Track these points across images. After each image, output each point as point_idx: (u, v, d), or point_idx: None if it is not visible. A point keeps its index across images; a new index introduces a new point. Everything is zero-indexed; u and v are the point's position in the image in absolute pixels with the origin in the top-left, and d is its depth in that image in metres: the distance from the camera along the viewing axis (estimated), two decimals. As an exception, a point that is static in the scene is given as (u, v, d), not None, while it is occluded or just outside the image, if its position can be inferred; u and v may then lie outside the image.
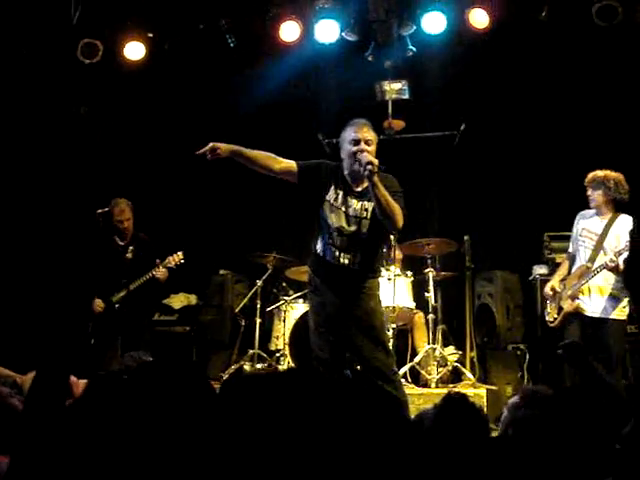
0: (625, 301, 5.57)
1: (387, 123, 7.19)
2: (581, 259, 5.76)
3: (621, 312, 5.57)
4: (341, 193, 4.66)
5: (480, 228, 7.62)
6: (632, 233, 5.45)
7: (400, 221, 4.50)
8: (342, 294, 4.65)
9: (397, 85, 7.31)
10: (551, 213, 6.63)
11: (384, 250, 6.01)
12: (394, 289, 6.57)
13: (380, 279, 5.09)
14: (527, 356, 7.01)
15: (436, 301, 6.93)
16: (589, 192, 5.71)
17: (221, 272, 8.12)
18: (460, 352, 6.94)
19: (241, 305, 7.55)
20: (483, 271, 7.47)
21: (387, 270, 6.62)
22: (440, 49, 7.27)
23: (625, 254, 5.38)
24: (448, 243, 6.98)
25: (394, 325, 6.60)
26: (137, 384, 1.92)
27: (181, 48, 7.45)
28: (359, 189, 4.65)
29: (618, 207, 5.66)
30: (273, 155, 4.69)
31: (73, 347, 6.24)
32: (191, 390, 1.94)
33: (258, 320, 7.25)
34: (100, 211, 6.42)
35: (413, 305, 6.86)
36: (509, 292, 7.34)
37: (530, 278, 7.18)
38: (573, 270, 5.82)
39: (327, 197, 4.66)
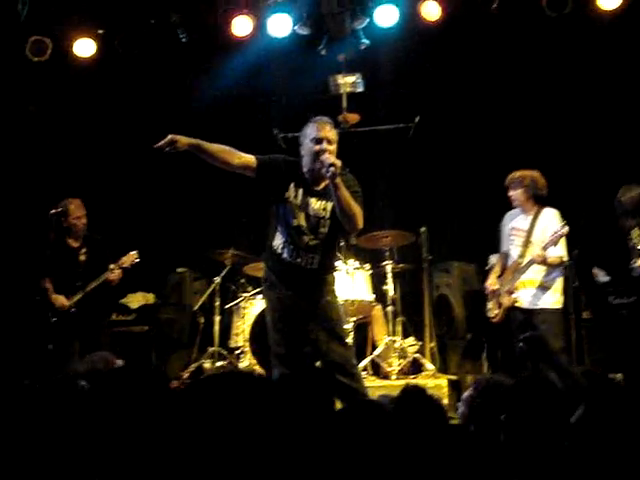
0: (557, 290, 5.85)
1: (342, 116, 7.19)
2: (513, 256, 6.04)
3: (553, 301, 5.84)
4: (300, 191, 4.60)
5: (436, 220, 7.67)
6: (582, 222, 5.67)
7: (360, 222, 4.50)
8: (299, 290, 4.64)
9: (351, 78, 7.32)
10: (506, 203, 6.67)
11: (343, 245, 6.04)
12: (353, 282, 6.58)
13: (337, 273, 5.09)
14: (486, 345, 7.07)
15: (395, 293, 6.95)
16: (510, 192, 6.03)
17: (179, 270, 8.04)
18: (420, 343, 6.98)
19: (200, 303, 7.50)
20: (440, 262, 7.51)
21: (345, 264, 6.63)
22: (393, 42, 7.30)
23: (551, 247, 5.67)
24: (405, 235, 7.01)
25: (354, 318, 6.61)
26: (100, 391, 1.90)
27: (132, 44, 7.35)
28: (319, 188, 4.60)
29: (540, 202, 5.95)
30: (233, 149, 4.59)
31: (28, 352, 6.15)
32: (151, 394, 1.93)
33: (217, 317, 7.21)
34: (54, 211, 6.30)
35: (372, 298, 6.87)
36: (466, 282, 7.39)
37: (487, 267, 7.23)
38: (508, 267, 6.08)
39: (286, 195, 4.60)
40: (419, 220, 7.19)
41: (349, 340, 5.56)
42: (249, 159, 4.58)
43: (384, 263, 6.94)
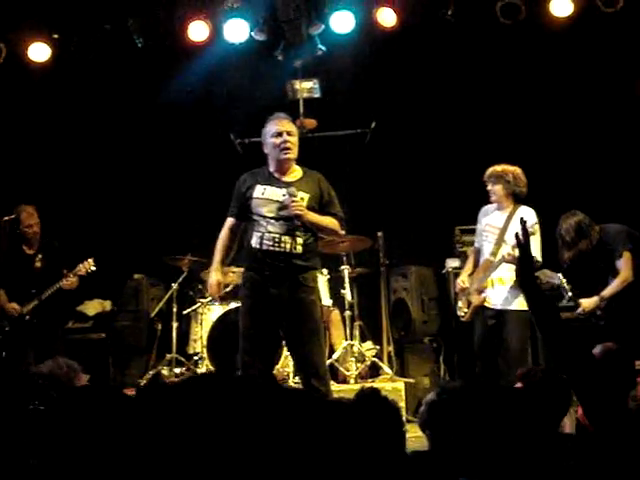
0: None
1: (299, 122, 7.19)
2: (485, 253, 5.87)
3: (522, 302, 5.52)
4: (267, 187, 4.76)
5: (393, 224, 7.72)
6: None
7: (339, 232, 4.87)
8: (281, 287, 4.65)
9: (308, 84, 7.36)
10: (461, 207, 6.76)
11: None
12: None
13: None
14: (443, 348, 7.15)
15: (352, 298, 6.98)
16: (489, 187, 5.81)
17: (135, 276, 7.96)
18: (377, 347, 7.03)
19: (157, 309, 7.46)
20: (397, 266, 7.56)
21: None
22: (349, 48, 7.34)
23: (534, 244, 5.37)
24: (362, 240, 7.04)
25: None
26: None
27: (88, 49, 7.29)
28: (288, 179, 4.77)
29: (518, 200, 5.79)
30: (223, 237, 4.94)
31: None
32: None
33: (175, 324, 7.18)
34: (7, 218, 6.22)
35: (330, 303, 6.89)
36: (423, 286, 7.45)
37: (443, 271, 7.32)
38: (479, 264, 5.94)
39: (255, 195, 4.75)
40: (376, 225, 7.25)
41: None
42: (230, 223, 4.94)
43: (342, 268, 6.97)
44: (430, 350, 7.23)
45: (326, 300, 6.84)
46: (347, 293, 6.89)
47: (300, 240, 4.69)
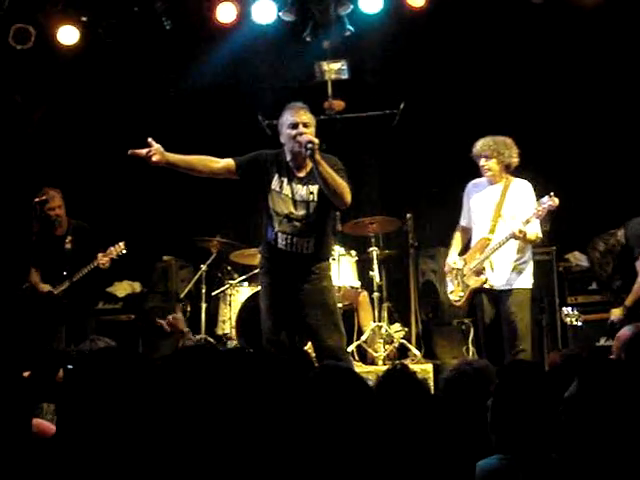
0: (529, 272, 5.45)
1: (327, 103, 7.20)
2: (480, 231, 5.57)
3: (526, 281, 5.43)
4: (285, 180, 4.70)
5: (422, 206, 7.69)
6: None
7: (347, 196, 4.58)
8: (294, 276, 4.68)
9: (336, 65, 7.32)
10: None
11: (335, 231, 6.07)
12: (339, 269, 6.60)
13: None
14: (471, 330, 7.11)
15: (381, 279, 6.97)
16: (482, 162, 5.48)
17: (165, 258, 8.03)
18: (406, 329, 7.01)
19: (186, 290, 7.50)
20: (426, 248, 7.53)
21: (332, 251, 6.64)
22: (378, 28, 7.27)
23: (534, 221, 5.25)
24: (391, 221, 7.03)
25: (340, 305, 6.62)
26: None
27: (116, 31, 7.31)
28: (302, 174, 4.71)
29: (510, 172, 5.53)
30: (209, 157, 4.74)
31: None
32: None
33: (204, 305, 7.22)
34: (37, 199, 6.30)
35: (358, 284, 6.89)
36: (452, 268, 7.40)
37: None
38: (473, 243, 5.64)
39: (272, 186, 4.71)
40: (405, 206, 7.21)
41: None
42: (228, 163, 4.73)
43: (370, 250, 6.95)
44: (458, 332, 7.19)
45: (354, 282, 6.85)
46: (375, 275, 6.88)
47: (312, 241, 4.68)
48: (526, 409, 2.30)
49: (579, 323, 5.66)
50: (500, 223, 5.45)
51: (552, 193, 5.17)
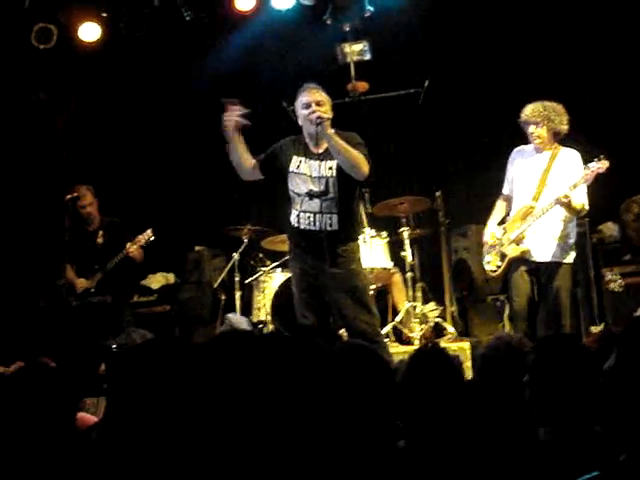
0: (572, 244, 5.29)
1: (351, 85, 7.16)
2: (523, 198, 5.36)
3: (568, 255, 5.27)
4: (303, 159, 4.74)
5: (452, 183, 7.64)
6: None
7: (364, 167, 4.58)
8: (322, 260, 4.69)
9: (358, 46, 7.27)
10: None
11: (361, 213, 6.05)
12: (370, 251, 6.59)
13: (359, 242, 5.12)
14: (506, 306, 7.07)
15: (413, 259, 6.94)
16: (531, 129, 5.23)
17: (197, 248, 8.09)
18: (440, 308, 6.99)
19: (219, 280, 7.54)
20: (458, 226, 7.49)
21: (362, 233, 6.62)
22: (397, 6, 7.22)
23: (582, 188, 5.05)
24: (421, 201, 6.99)
25: (373, 286, 6.62)
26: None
27: (137, 26, 7.33)
28: (320, 150, 4.73)
29: (558, 140, 5.32)
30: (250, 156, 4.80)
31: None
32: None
33: (238, 293, 7.25)
34: (69, 197, 6.39)
35: (391, 265, 6.87)
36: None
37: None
38: (513, 212, 5.44)
39: (290, 169, 4.74)
40: (434, 185, 7.17)
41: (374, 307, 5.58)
42: (254, 162, 4.82)
43: (401, 230, 6.93)
44: (493, 308, 7.16)
45: (387, 263, 6.84)
46: (408, 255, 6.85)
47: (335, 217, 4.68)
48: (566, 382, 2.29)
49: (620, 289, 5.52)
50: (545, 192, 5.24)
51: (602, 156, 4.96)
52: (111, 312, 6.44)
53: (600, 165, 4.92)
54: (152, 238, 6.45)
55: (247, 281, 7.34)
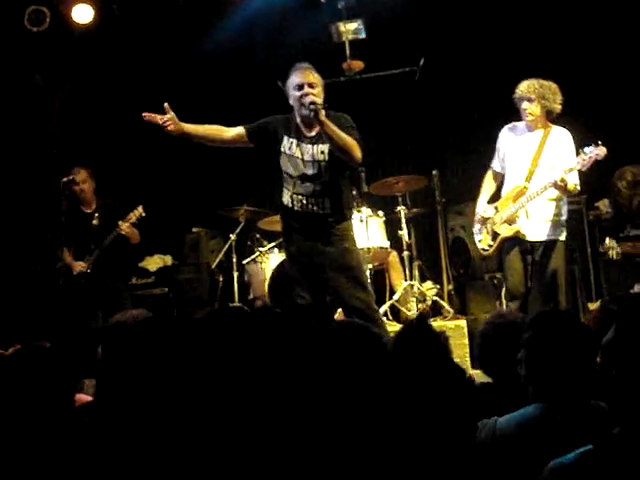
0: (564, 223, 5.29)
1: (346, 65, 7.14)
2: (514, 178, 5.35)
3: (560, 233, 5.27)
4: (295, 141, 4.71)
5: (448, 162, 7.64)
6: None
7: (357, 153, 4.55)
8: (315, 240, 4.70)
9: (353, 25, 7.24)
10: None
11: (354, 192, 6.04)
12: (367, 230, 6.60)
13: (352, 221, 5.12)
14: (504, 284, 7.08)
15: (410, 238, 6.95)
16: (525, 105, 5.19)
17: (194, 230, 8.10)
18: (438, 286, 7.01)
19: (217, 261, 7.55)
20: (454, 204, 7.49)
21: (359, 212, 6.63)
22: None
23: (576, 172, 5.04)
24: (417, 179, 6.99)
25: (370, 266, 6.63)
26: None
27: (130, 6, 7.30)
28: (312, 134, 4.70)
29: (551, 119, 5.29)
30: (222, 127, 4.78)
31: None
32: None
33: (235, 274, 7.26)
34: (65, 179, 6.37)
35: (387, 244, 6.88)
36: (481, 223, 7.37)
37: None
38: (506, 191, 5.43)
39: (282, 149, 4.72)
40: (431, 163, 7.17)
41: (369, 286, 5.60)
42: (239, 131, 4.77)
43: (398, 209, 6.93)
44: (490, 286, 7.17)
45: (384, 242, 6.85)
46: (404, 234, 6.86)
47: (327, 201, 4.68)
48: (562, 357, 2.30)
49: (618, 257, 5.51)
50: (537, 172, 5.24)
51: (599, 142, 4.92)
52: (109, 294, 6.45)
53: (598, 151, 4.88)
54: (143, 214, 6.44)
55: (245, 262, 7.36)
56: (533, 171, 5.25)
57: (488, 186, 5.61)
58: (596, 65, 7.34)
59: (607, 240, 5.52)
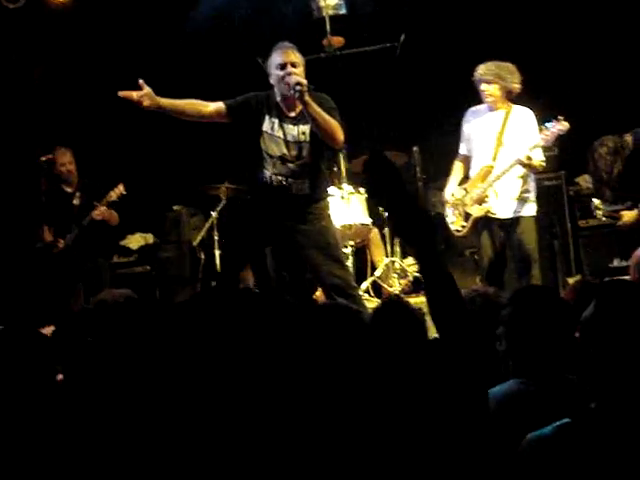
0: (533, 199, 5.43)
1: (326, 41, 7.09)
2: (481, 159, 5.49)
3: (530, 209, 5.42)
4: (276, 121, 4.69)
5: (429, 138, 7.63)
6: None
7: (340, 135, 4.57)
8: (293, 219, 4.71)
9: (333, 1, 7.19)
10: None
11: (334, 170, 6.04)
12: (348, 207, 6.60)
13: (331, 198, 5.15)
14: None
15: (391, 215, 6.96)
16: (483, 87, 5.38)
17: (175, 208, 8.07)
18: (419, 262, 7.02)
19: (199, 239, 7.54)
20: (435, 181, 7.50)
21: (340, 189, 6.63)
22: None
23: (540, 149, 5.23)
24: (397, 156, 6.99)
25: (352, 243, 6.65)
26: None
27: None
28: (293, 114, 4.70)
29: (511, 99, 5.45)
30: (200, 101, 4.74)
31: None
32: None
33: (217, 252, 7.26)
34: (44, 158, 6.34)
35: (369, 221, 6.89)
36: (462, 199, 7.39)
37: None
38: (474, 172, 5.57)
39: (263, 128, 4.70)
40: (411, 140, 7.16)
41: (348, 264, 5.63)
42: (218, 106, 4.73)
43: (379, 186, 6.92)
44: (471, 262, 7.21)
45: (365, 219, 6.85)
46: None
47: (307, 182, 4.69)
48: (542, 333, 2.33)
49: (604, 219, 5.62)
50: (502, 151, 5.38)
51: (561, 117, 5.09)
52: (90, 273, 6.44)
53: (560, 127, 5.08)
54: (124, 193, 6.43)
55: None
56: (498, 150, 5.39)
57: (457, 171, 5.75)
58: (567, 43, 7.36)
59: (594, 200, 5.61)
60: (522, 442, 1.82)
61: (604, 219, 5.61)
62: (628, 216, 5.44)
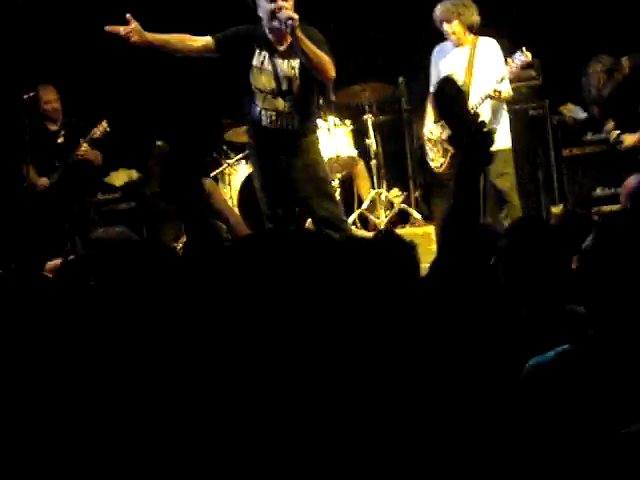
0: (505, 128, 5.59)
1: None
2: None
3: (504, 141, 5.56)
4: (266, 55, 4.66)
5: (415, 69, 7.56)
6: None
7: (331, 70, 4.56)
8: (283, 153, 4.72)
9: None
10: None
11: (321, 102, 6.01)
12: (334, 139, 6.60)
13: (319, 132, 5.15)
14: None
15: (377, 147, 6.97)
16: (444, 27, 5.53)
17: (158, 143, 7.98)
18: (405, 193, 7.08)
19: (183, 173, 7.49)
20: (420, 112, 7.48)
21: (325, 121, 6.61)
22: None
23: (507, 80, 5.39)
24: (383, 87, 6.97)
25: (338, 175, 6.67)
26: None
27: None
28: (283, 48, 4.66)
29: (474, 31, 5.57)
30: (188, 35, 4.69)
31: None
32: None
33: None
34: (26, 96, 6.24)
35: (355, 153, 6.90)
36: (447, 129, 7.39)
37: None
38: None
39: (253, 62, 4.66)
40: (396, 71, 7.12)
41: (337, 196, 5.65)
42: (207, 40, 4.68)
43: (364, 117, 6.92)
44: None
45: (351, 150, 6.86)
46: (372, 142, 6.88)
47: (297, 117, 4.68)
48: (539, 263, 2.38)
49: (572, 122, 5.69)
50: (474, 84, 5.51)
51: (524, 48, 5.23)
52: (77, 211, 6.42)
53: (524, 58, 5.24)
54: (108, 129, 6.37)
55: (212, 174, 7.32)
56: (469, 84, 5.51)
57: (431, 109, 5.85)
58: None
59: (568, 104, 5.72)
60: (524, 368, 1.88)
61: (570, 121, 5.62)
62: (629, 139, 5.58)
